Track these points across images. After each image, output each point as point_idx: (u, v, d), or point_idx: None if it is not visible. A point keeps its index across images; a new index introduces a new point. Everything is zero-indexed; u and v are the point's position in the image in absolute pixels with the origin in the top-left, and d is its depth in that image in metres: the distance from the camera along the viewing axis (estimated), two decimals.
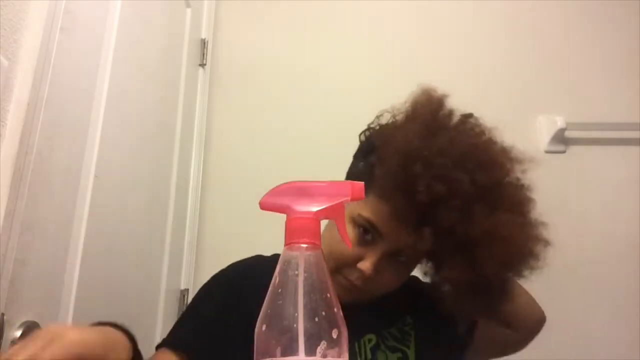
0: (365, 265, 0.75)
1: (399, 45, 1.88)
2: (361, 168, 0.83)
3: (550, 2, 1.91)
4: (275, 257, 0.48)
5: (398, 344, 0.84)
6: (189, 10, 1.68)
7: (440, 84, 2.06)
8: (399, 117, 0.81)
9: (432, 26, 1.91)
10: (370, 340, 0.83)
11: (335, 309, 0.43)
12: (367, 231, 0.76)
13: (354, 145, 1.82)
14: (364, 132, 0.87)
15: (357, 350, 0.81)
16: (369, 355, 0.81)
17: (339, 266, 0.77)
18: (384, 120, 0.84)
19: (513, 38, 1.89)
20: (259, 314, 0.44)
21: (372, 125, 0.86)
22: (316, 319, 0.42)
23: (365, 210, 0.76)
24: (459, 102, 1.99)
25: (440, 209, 0.68)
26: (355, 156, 0.87)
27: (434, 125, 0.75)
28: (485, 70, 1.84)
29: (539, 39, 1.88)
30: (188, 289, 1.53)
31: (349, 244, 0.52)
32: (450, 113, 0.79)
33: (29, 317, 0.76)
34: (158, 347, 0.81)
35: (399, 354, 0.83)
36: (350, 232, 0.77)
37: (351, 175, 0.86)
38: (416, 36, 1.89)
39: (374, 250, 0.76)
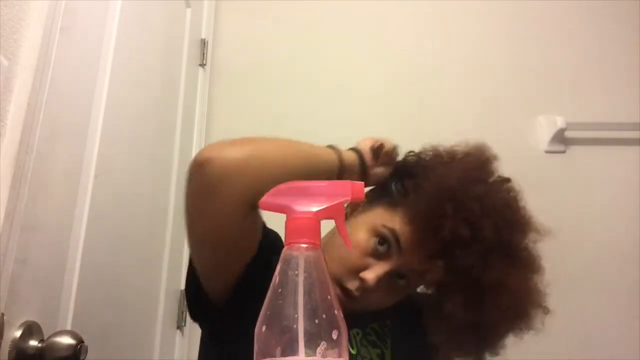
0: (370, 274, 0.76)
1: (400, 45, 1.88)
2: (396, 187, 0.86)
3: (551, 2, 1.91)
4: None
5: (378, 340, 0.87)
6: (189, 10, 1.68)
7: (442, 84, 2.07)
8: (445, 155, 0.85)
9: (434, 26, 1.91)
10: (357, 334, 0.85)
11: (336, 310, 0.43)
12: (383, 243, 0.78)
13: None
14: (406, 155, 0.90)
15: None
16: (358, 349, 0.84)
17: (341, 272, 0.78)
18: (428, 153, 0.88)
19: (513, 38, 1.89)
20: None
21: (413, 153, 0.90)
22: (316, 320, 0.42)
23: (392, 223, 0.79)
24: (460, 102, 1.98)
25: (460, 250, 0.73)
26: (391, 174, 0.89)
27: (476, 175, 0.80)
28: (486, 71, 1.84)
29: (539, 39, 1.88)
30: None
31: (349, 245, 0.52)
32: (493, 172, 0.83)
33: (29, 317, 0.76)
34: None
35: (378, 351, 0.86)
36: (364, 239, 0.79)
37: (382, 189, 0.87)
38: (418, 36, 1.89)
39: (383, 263, 0.78)
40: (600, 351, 1.48)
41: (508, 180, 0.84)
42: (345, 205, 0.64)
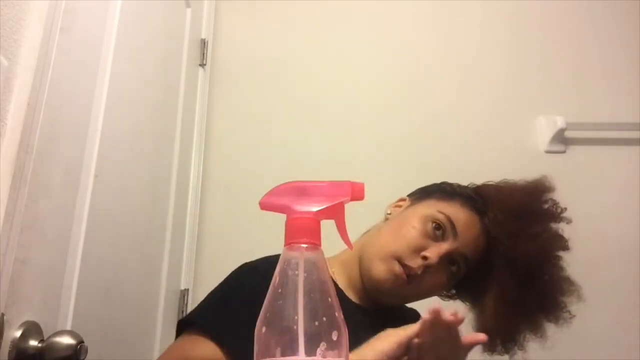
0: (432, 252, 0.84)
1: (400, 45, 1.88)
2: (447, 185, 0.99)
3: (551, 2, 1.90)
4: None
5: None
6: (189, 10, 1.68)
7: (442, 84, 2.07)
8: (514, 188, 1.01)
9: (434, 27, 1.91)
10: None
11: (337, 312, 0.43)
12: (439, 228, 0.87)
13: (353, 145, 1.83)
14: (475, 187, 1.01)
15: None
16: None
17: (402, 250, 0.85)
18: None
19: (513, 38, 1.89)
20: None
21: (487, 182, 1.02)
22: (316, 320, 0.42)
23: (447, 210, 0.89)
24: (460, 102, 1.98)
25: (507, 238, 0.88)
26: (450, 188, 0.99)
27: (530, 190, 1.03)
28: (486, 71, 1.84)
29: (539, 39, 1.88)
30: (188, 289, 1.53)
31: (350, 246, 0.52)
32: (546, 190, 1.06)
33: (29, 317, 0.76)
34: (184, 324, 0.85)
35: None
36: (418, 226, 0.88)
37: (427, 190, 0.99)
38: (418, 36, 1.89)
39: (442, 244, 0.86)
40: (601, 351, 1.48)
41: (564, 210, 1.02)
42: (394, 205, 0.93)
